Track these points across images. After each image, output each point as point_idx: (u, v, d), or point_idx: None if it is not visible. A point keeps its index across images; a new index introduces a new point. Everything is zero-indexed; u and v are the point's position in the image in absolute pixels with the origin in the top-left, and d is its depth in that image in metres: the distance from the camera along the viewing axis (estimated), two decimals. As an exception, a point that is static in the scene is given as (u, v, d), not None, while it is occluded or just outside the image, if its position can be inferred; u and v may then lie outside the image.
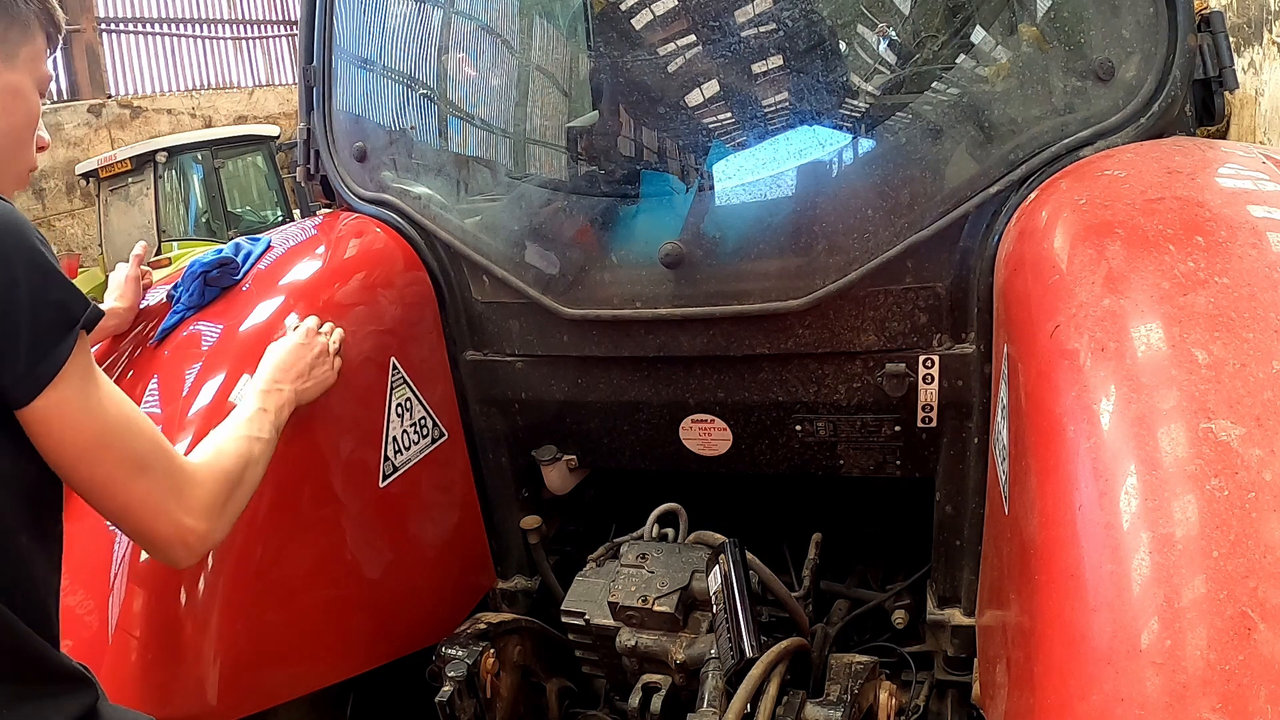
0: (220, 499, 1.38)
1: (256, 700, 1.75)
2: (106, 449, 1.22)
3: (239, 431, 1.53)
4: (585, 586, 2.19)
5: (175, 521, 1.29)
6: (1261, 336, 1.13)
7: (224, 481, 1.40)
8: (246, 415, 1.59)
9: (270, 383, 1.69)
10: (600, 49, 2.22)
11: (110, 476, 1.23)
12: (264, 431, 1.57)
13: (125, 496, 1.25)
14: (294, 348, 1.78)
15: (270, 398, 1.66)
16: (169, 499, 1.28)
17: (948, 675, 2.20)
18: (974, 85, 1.94)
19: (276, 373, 1.72)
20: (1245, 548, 0.97)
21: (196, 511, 1.32)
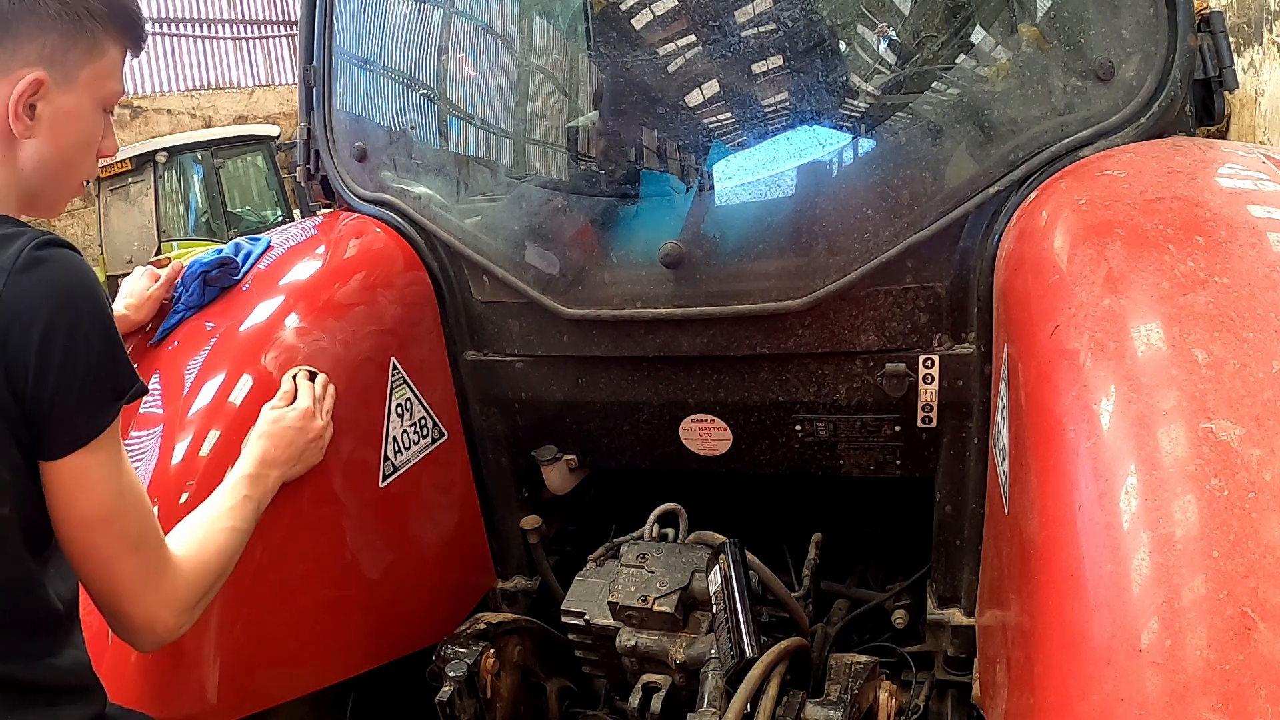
0: (195, 595, 1.39)
1: (256, 700, 1.75)
2: (111, 523, 1.25)
3: (222, 523, 1.53)
4: (585, 586, 2.19)
5: (150, 610, 1.31)
6: (1261, 336, 1.13)
7: (203, 578, 1.41)
8: (231, 504, 1.57)
9: (259, 467, 1.66)
10: (600, 49, 2.22)
11: (105, 549, 1.25)
12: (246, 522, 1.58)
13: (112, 572, 1.27)
14: (288, 432, 1.73)
15: (257, 485, 1.64)
16: (150, 585, 1.30)
17: (948, 675, 2.20)
18: (974, 85, 1.94)
19: (266, 457, 1.69)
20: (1245, 548, 0.97)
21: (172, 604, 1.34)
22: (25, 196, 1.31)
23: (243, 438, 1.72)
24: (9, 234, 1.17)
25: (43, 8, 1.25)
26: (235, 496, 1.59)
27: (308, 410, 1.78)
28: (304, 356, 1.88)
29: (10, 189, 1.28)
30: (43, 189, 1.32)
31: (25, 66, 1.25)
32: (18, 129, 1.26)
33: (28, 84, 1.25)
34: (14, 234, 1.18)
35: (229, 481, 1.63)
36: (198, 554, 1.43)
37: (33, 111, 1.27)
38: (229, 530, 1.52)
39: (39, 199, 1.33)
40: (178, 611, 1.35)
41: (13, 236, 1.17)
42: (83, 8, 1.28)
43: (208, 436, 1.71)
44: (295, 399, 1.80)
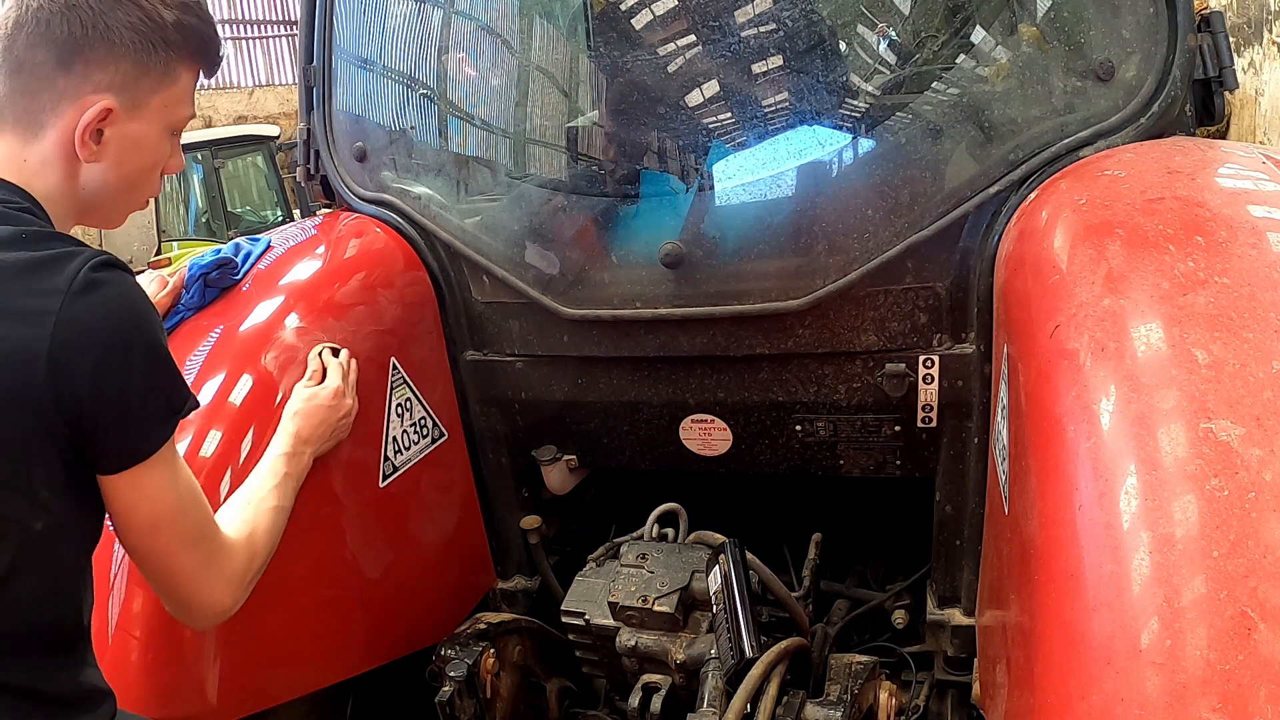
0: (249, 575, 1.47)
1: (256, 700, 1.75)
2: (171, 524, 1.30)
3: (267, 503, 1.60)
4: (585, 586, 2.19)
5: (208, 593, 1.38)
6: (1261, 336, 1.14)
7: (254, 557, 1.49)
8: (274, 483, 1.64)
9: (295, 445, 1.73)
10: (600, 49, 2.22)
11: (167, 547, 1.31)
12: (288, 499, 1.65)
13: (173, 566, 1.33)
14: (321, 410, 1.79)
15: (295, 461, 1.71)
16: (208, 572, 1.37)
17: (948, 675, 2.20)
18: (974, 85, 1.94)
19: (301, 435, 1.74)
20: (1245, 548, 0.97)
21: (228, 585, 1.41)
22: (83, 211, 1.32)
23: (244, 437, 1.72)
24: (65, 252, 1.17)
25: (117, 35, 1.25)
26: (276, 475, 1.65)
27: (339, 389, 1.83)
28: (304, 357, 1.88)
29: (70, 203, 1.29)
30: (103, 207, 1.34)
31: (95, 93, 1.25)
32: (83, 154, 1.26)
33: (96, 113, 1.25)
34: (70, 253, 1.17)
35: (269, 460, 1.68)
36: (247, 535, 1.49)
37: (99, 137, 1.27)
38: (273, 509, 1.59)
39: (96, 214, 1.35)
40: (233, 592, 1.42)
41: (69, 256, 1.17)
42: (159, 37, 1.28)
43: (208, 436, 1.71)
44: (324, 377, 1.84)
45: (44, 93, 1.25)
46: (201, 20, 1.34)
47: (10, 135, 1.26)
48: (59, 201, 1.28)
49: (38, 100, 1.25)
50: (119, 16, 1.25)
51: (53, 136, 1.26)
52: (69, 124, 1.25)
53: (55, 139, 1.26)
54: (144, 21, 1.26)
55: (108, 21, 1.24)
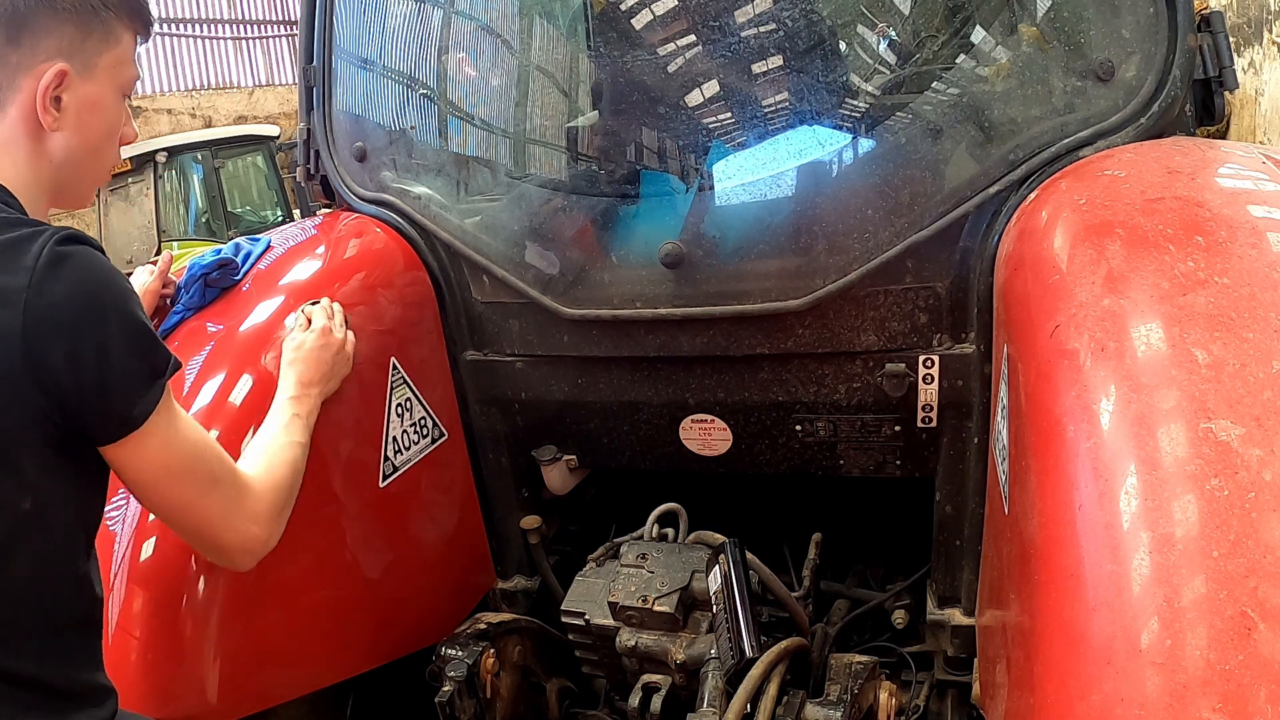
0: (276, 506, 1.51)
1: (256, 700, 1.75)
2: (183, 475, 1.34)
3: (282, 439, 1.64)
4: (585, 586, 2.19)
5: (241, 531, 1.43)
6: (1261, 336, 1.14)
7: (278, 490, 1.53)
8: (284, 422, 1.68)
9: (299, 388, 1.76)
10: (600, 49, 2.22)
11: (185, 497, 1.36)
12: (302, 436, 1.69)
13: (197, 513, 1.38)
14: (313, 351, 1.82)
15: (302, 403, 1.75)
16: (234, 512, 1.42)
17: (948, 675, 2.20)
18: (974, 85, 1.94)
19: (303, 379, 1.78)
20: (1245, 548, 0.97)
21: (259, 520, 1.46)
22: (54, 189, 1.34)
23: (244, 438, 1.72)
24: (30, 233, 1.19)
25: (57, 1, 1.28)
26: (285, 416, 1.70)
27: (324, 327, 1.86)
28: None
29: (40, 183, 1.31)
30: (72, 179, 1.36)
31: (47, 60, 1.28)
32: (46, 121, 1.29)
33: (52, 76, 1.27)
34: (34, 232, 1.19)
35: (275, 407, 1.72)
36: (268, 470, 1.54)
37: (59, 104, 1.29)
38: (290, 444, 1.63)
39: (66, 190, 1.36)
40: (265, 524, 1.47)
41: (33, 235, 1.19)
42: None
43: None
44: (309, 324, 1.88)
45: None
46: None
47: None
48: (29, 183, 1.30)
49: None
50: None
51: (14, 114, 1.28)
52: (28, 97, 1.28)
53: (17, 114, 1.28)
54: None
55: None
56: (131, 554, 1.61)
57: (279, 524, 1.52)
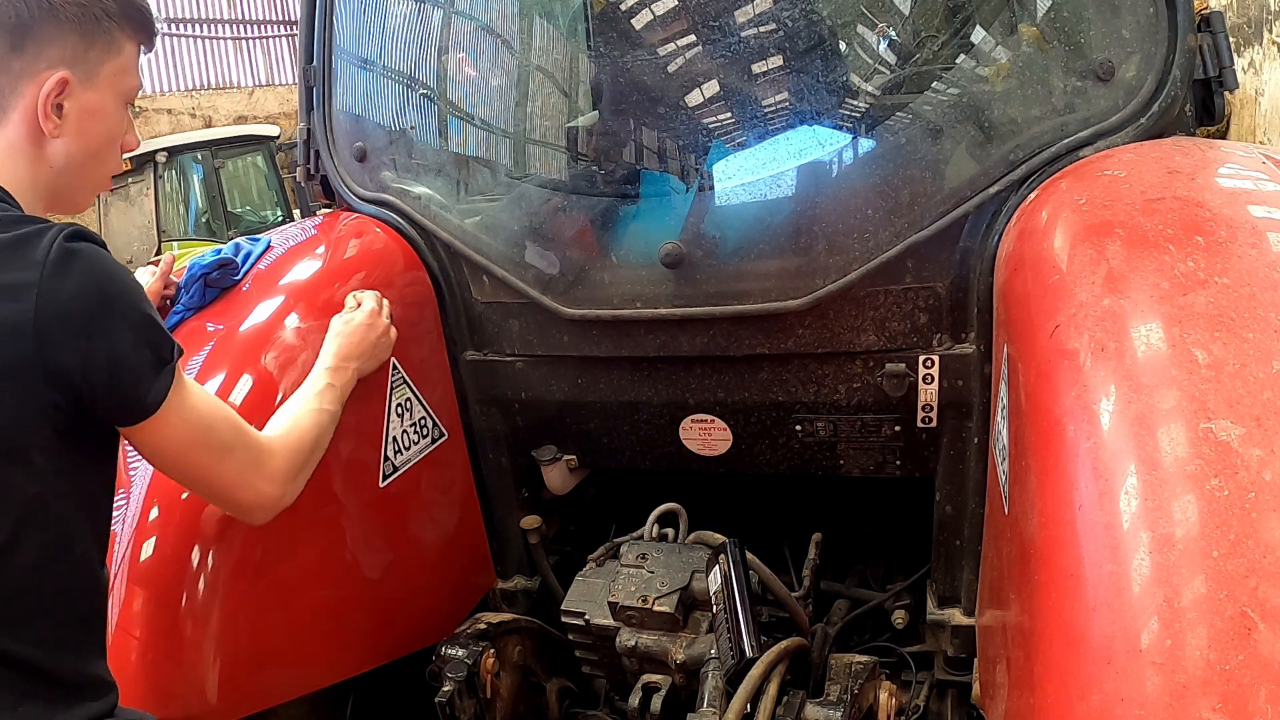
0: (294, 467, 1.58)
1: (256, 700, 1.75)
2: (198, 445, 1.40)
3: (310, 404, 1.70)
4: (585, 586, 2.19)
5: (256, 490, 1.50)
6: (1261, 336, 1.13)
7: (297, 451, 1.59)
8: (317, 389, 1.74)
9: (338, 360, 1.83)
10: (600, 49, 2.22)
11: (202, 463, 1.42)
12: (332, 405, 1.74)
13: (214, 477, 1.45)
14: (360, 328, 1.90)
15: (338, 375, 1.80)
16: (250, 472, 1.48)
17: (948, 675, 2.20)
18: (974, 85, 1.93)
19: (343, 352, 1.85)
20: (1245, 548, 0.97)
21: (275, 479, 1.52)
22: (52, 194, 1.37)
23: None
24: (37, 230, 1.23)
25: (61, 11, 1.31)
26: (320, 384, 1.75)
27: (374, 310, 1.96)
28: (304, 357, 1.88)
29: (39, 188, 1.35)
30: (71, 185, 1.39)
31: (49, 68, 1.31)
32: (47, 128, 1.32)
33: (54, 84, 1.31)
34: (41, 229, 1.23)
35: (312, 374, 1.79)
36: (290, 431, 1.60)
37: (60, 111, 1.33)
38: (318, 411, 1.69)
39: (64, 195, 1.40)
40: (281, 484, 1.54)
41: (40, 232, 1.22)
42: (99, 8, 1.34)
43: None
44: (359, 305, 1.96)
45: (2, 78, 1.30)
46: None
47: None
48: (28, 187, 1.33)
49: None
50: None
51: (16, 119, 1.31)
52: (30, 103, 1.31)
53: (19, 120, 1.31)
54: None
55: (51, 0, 1.30)
56: (131, 554, 1.61)
57: (296, 483, 1.58)
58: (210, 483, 1.46)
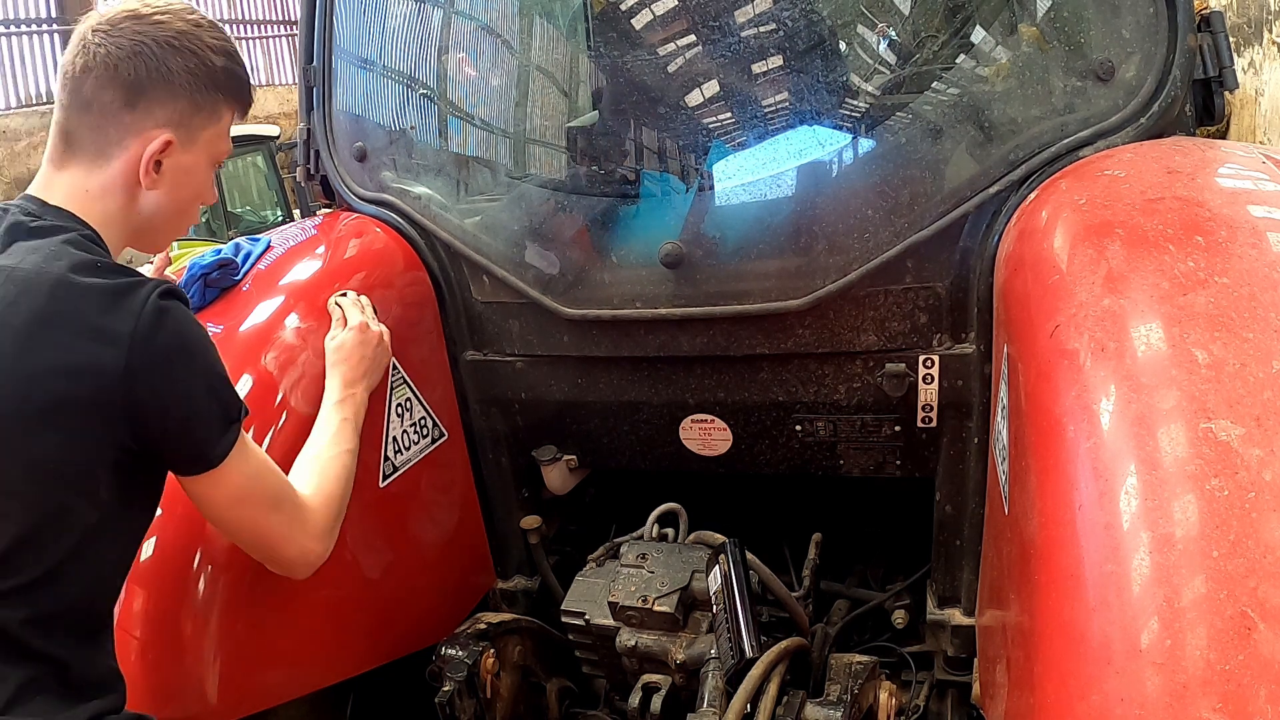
0: (331, 520, 1.63)
1: (256, 700, 1.75)
2: (250, 499, 1.48)
3: (332, 450, 1.72)
4: (585, 586, 2.19)
5: (300, 546, 1.56)
6: (1261, 336, 1.13)
7: (333, 504, 1.65)
8: (334, 431, 1.76)
9: (344, 390, 1.84)
10: (600, 49, 2.22)
11: (251, 519, 1.50)
12: (352, 442, 1.77)
13: (263, 532, 1.52)
14: (354, 349, 1.89)
15: (348, 406, 1.82)
16: (295, 529, 1.55)
17: (948, 675, 2.20)
18: (974, 85, 1.94)
19: (346, 380, 1.86)
20: (1245, 548, 0.97)
21: (316, 535, 1.59)
22: (135, 236, 1.48)
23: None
24: (135, 281, 1.32)
25: (176, 78, 1.42)
26: (334, 424, 1.78)
27: (360, 324, 1.93)
28: (304, 357, 1.88)
29: (124, 230, 1.45)
30: (154, 232, 1.50)
31: (156, 128, 1.42)
32: (145, 182, 1.43)
33: (159, 145, 1.41)
34: (138, 282, 1.32)
35: (324, 414, 1.80)
36: (321, 486, 1.64)
37: (158, 167, 1.43)
38: (340, 454, 1.72)
39: (145, 239, 1.51)
40: (321, 539, 1.60)
41: (138, 285, 1.32)
42: (210, 80, 1.46)
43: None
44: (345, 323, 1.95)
45: (111, 128, 1.40)
46: (242, 68, 1.54)
47: (76, 166, 1.41)
48: (115, 226, 1.43)
49: (105, 134, 1.40)
50: (178, 61, 1.42)
51: (117, 166, 1.41)
52: (133, 155, 1.41)
53: (119, 169, 1.41)
54: (199, 66, 1.44)
55: (169, 65, 1.41)
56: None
57: (334, 536, 1.64)
58: (258, 537, 1.53)
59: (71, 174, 1.41)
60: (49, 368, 1.25)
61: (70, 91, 1.40)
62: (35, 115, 9.95)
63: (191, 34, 1.44)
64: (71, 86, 1.40)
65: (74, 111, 1.41)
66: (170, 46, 1.41)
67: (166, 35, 1.41)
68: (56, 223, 1.37)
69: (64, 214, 1.39)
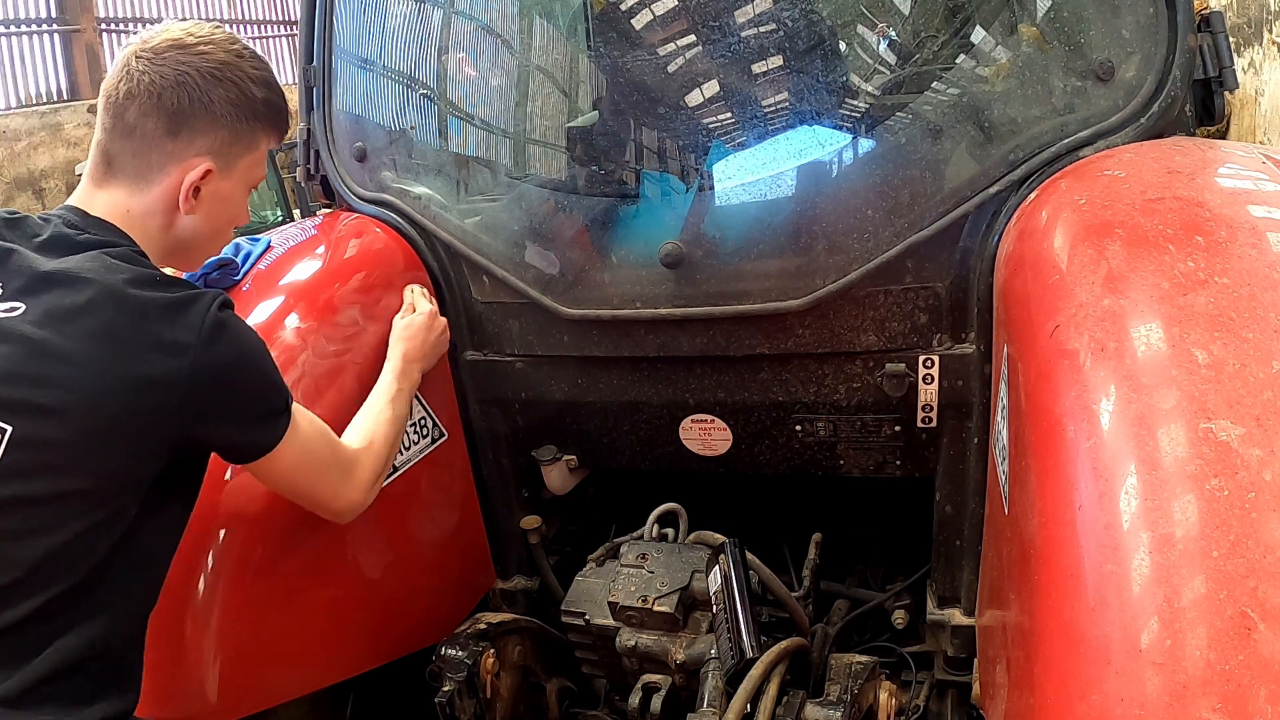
0: (376, 474, 1.74)
1: (256, 700, 1.75)
2: (306, 466, 1.58)
3: (385, 412, 1.84)
4: (585, 586, 2.19)
5: (347, 499, 1.68)
6: (1261, 336, 1.13)
7: (380, 460, 1.76)
8: (390, 395, 1.88)
9: (404, 363, 1.96)
10: (600, 49, 2.22)
11: (304, 480, 1.60)
12: (404, 409, 1.91)
13: (313, 490, 1.63)
14: (420, 330, 2.03)
15: (405, 378, 1.95)
16: (343, 485, 1.66)
17: (948, 675, 2.20)
18: (974, 85, 1.93)
19: (409, 355, 1.98)
20: (1245, 548, 0.97)
21: (361, 489, 1.70)
22: (171, 255, 1.54)
23: None
24: (193, 295, 1.39)
25: (218, 108, 1.47)
26: (390, 390, 1.89)
27: (433, 310, 2.10)
28: (304, 357, 1.89)
29: (162, 249, 1.51)
30: (188, 252, 1.57)
31: (197, 156, 1.47)
32: (184, 207, 1.49)
33: (199, 173, 1.47)
34: (197, 294, 1.40)
35: (383, 379, 1.92)
36: (373, 443, 1.76)
37: (197, 193, 1.49)
38: (390, 419, 1.83)
39: (180, 258, 1.57)
40: (366, 491, 1.71)
41: (197, 297, 1.39)
42: (250, 111, 1.52)
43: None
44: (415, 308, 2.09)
45: (153, 153, 1.45)
46: (282, 100, 1.60)
47: (117, 188, 1.46)
48: (153, 244, 1.49)
49: (147, 160, 1.46)
50: (220, 93, 1.47)
51: (157, 191, 1.47)
52: (174, 181, 1.47)
53: (160, 194, 1.47)
54: (240, 97, 1.50)
55: (211, 96, 1.46)
56: (131, 554, 1.61)
57: (377, 487, 1.75)
58: (309, 494, 1.63)
59: (112, 194, 1.46)
60: (117, 378, 1.30)
61: (113, 115, 1.45)
62: (35, 115, 9.93)
63: (233, 65, 1.49)
64: (114, 111, 1.45)
65: (116, 135, 1.45)
66: (213, 77, 1.46)
67: (210, 66, 1.46)
68: (104, 236, 1.42)
69: (108, 226, 1.44)
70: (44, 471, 1.27)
